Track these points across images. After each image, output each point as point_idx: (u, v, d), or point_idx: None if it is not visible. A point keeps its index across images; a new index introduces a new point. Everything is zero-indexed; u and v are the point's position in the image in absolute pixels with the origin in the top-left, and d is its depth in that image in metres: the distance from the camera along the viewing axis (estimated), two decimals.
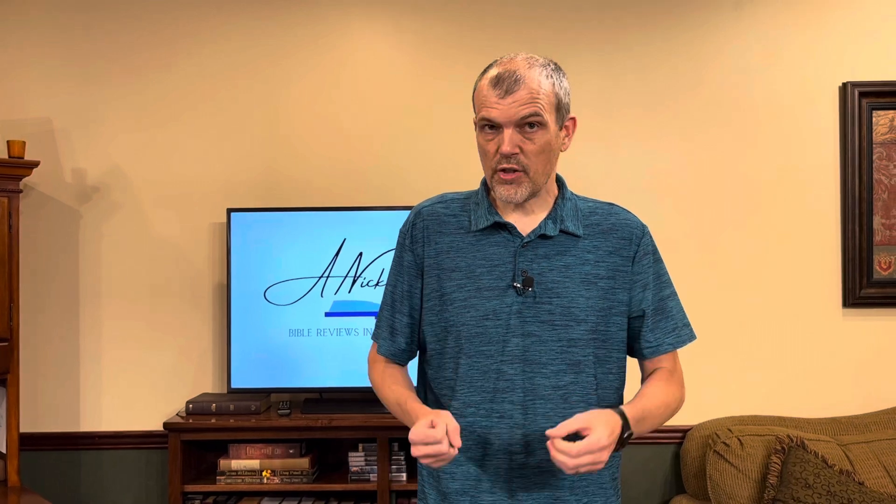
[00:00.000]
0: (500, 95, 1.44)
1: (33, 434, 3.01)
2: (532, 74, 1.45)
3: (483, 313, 1.50)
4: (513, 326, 1.49)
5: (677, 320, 1.60)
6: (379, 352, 1.67)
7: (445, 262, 1.55)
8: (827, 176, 3.11)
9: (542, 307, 1.49)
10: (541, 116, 1.44)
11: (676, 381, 1.60)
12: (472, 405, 1.51)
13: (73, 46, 3.09)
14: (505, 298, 1.50)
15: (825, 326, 3.10)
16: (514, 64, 1.46)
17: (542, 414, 1.48)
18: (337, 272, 2.91)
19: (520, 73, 1.44)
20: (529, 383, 1.49)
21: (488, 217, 1.54)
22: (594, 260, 1.53)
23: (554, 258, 1.51)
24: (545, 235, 1.52)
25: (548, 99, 1.46)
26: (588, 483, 1.52)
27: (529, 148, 1.46)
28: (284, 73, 3.12)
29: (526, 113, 1.43)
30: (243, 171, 3.10)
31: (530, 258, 1.51)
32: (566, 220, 1.54)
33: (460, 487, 1.52)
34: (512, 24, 3.10)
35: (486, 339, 1.50)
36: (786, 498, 2.61)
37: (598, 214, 1.57)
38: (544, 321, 1.49)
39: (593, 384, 1.51)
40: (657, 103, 3.11)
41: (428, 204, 1.63)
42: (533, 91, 1.44)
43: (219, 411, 2.82)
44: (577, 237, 1.54)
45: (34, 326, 3.04)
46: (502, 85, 1.44)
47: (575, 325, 1.50)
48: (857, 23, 3.11)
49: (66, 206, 3.08)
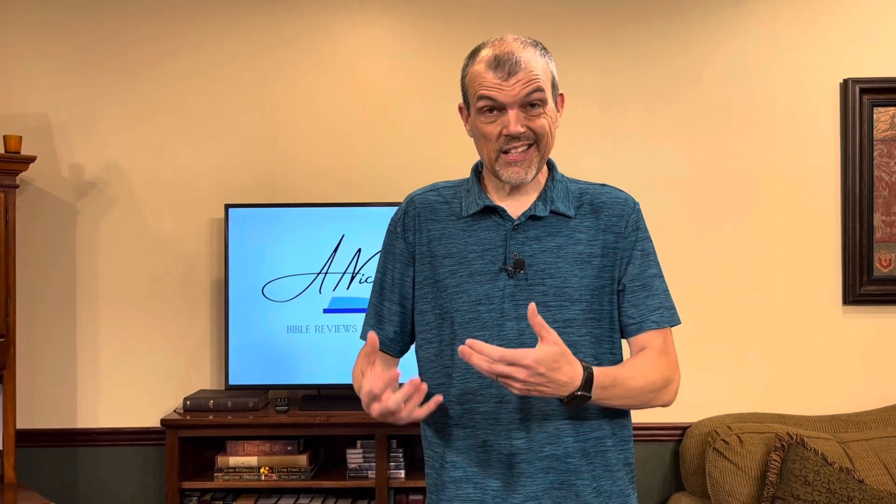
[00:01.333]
0: (502, 77, 1.44)
1: (30, 430, 3.00)
2: (528, 55, 1.46)
3: (475, 298, 1.50)
4: (506, 310, 1.48)
5: (662, 300, 1.55)
6: (363, 338, 1.64)
7: (438, 249, 1.56)
8: (827, 173, 3.11)
9: (535, 289, 1.49)
10: (543, 94, 1.46)
11: (667, 361, 1.53)
12: (469, 392, 1.50)
13: (71, 41, 3.08)
14: (497, 282, 1.50)
15: (825, 323, 3.09)
16: (508, 45, 1.47)
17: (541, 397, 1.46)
18: (335, 268, 2.90)
19: (518, 55, 1.45)
20: None
21: (478, 202, 1.54)
22: (587, 239, 1.52)
23: (545, 239, 1.51)
24: (535, 216, 1.52)
25: (545, 77, 1.47)
26: (595, 466, 1.50)
27: (537, 124, 1.46)
28: (282, 69, 3.10)
29: (531, 90, 1.44)
30: (241, 167, 3.09)
31: (521, 240, 1.51)
32: (556, 200, 1.53)
33: (462, 475, 1.51)
34: (509, 20, 3.09)
35: (479, 325, 1.49)
36: (785, 496, 2.60)
37: (588, 194, 1.57)
38: (538, 303, 1.47)
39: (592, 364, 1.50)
40: (657, 99, 3.10)
41: (420, 192, 1.65)
42: (532, 71, 1.45)
43: (216, 408, 2.81)
44: (568, 217, 1.53)
45: (31, 322, 3.03)
46: (504, 67, 1.44)
47: (570, 305, 1.49)
48: (857, 19, 3.10)
49: (62, 202, 3.07)
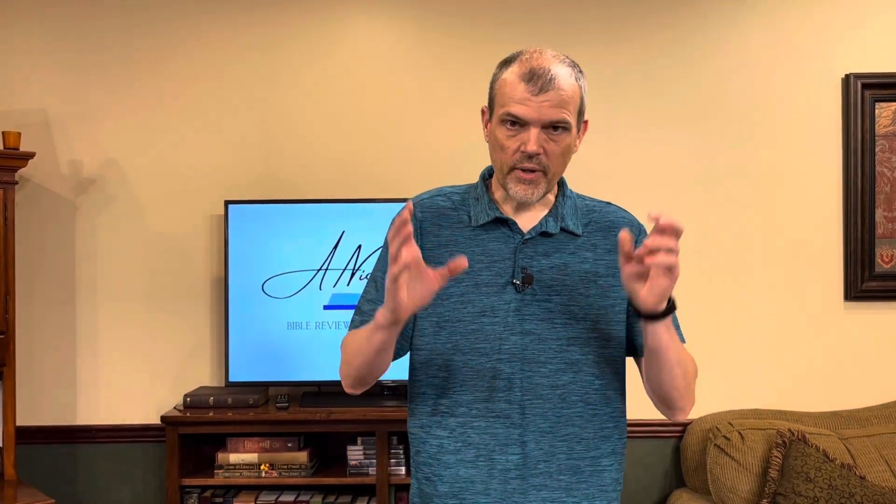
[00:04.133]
0: (532, 92, 1.41)
1: (30, 427, 2.99)
2: (563, 74, 1.43)
3: (480, 309, 1.48)
4: (510, 324, 1.46)
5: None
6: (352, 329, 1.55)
7: (443, 256, 1.50)
8: (829, 168, 3.10)
9: (541, 305, 1.47)
10: (568, 121, 1.44)
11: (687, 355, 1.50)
12: (464, 404, 1.47)
13: (69, 37, 3.06)
14: (503, 295, 1.47)
15: (827, 320, 3.09)
16: (546, 60, 1.43)
17: (540, 414, 1.45)
18: (336, 265, 2.89)
19: (553, 73, 1.42)
20: (528, 382, 1.46)
21: (489, 212, 1.51)
22: (593, 258, 1.51)
23: (554, 256, 1.49)
24: (546, 233, 1.50)
25: (574, 102, 1.45)
26: (588, 486, 1.48)
27: (552, 149, 1.44)
28: (283, 64, 3.09)
29: (557, 117, 1.42)
30: (241, 163, 3.08)
31: (530, 255, 1.49)
32: (566, 218, 1.52)
33: (449, 490, 1.48)
34: (513, 17, 3.07)
35: (482, 336, 1.47)
36: (787, 492, 2.60)
37: (596, 212, 1.56)
38: (543, 319, 1.46)
39: (593, 384, 1.48)
40: (658, 95, 3.09)
41: (427, 196, 1.60)
42: (564, 93, 1.42)
43: (217, 405, 2.81)
44: (576, 235, 1.52)
45: (30, 319, 3.02)
46: (536, 82, 1.41)
47: (574, 324, 1.47)
48: (859, 14, 3.09)
49: (61, 198, 3.06)
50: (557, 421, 1.45)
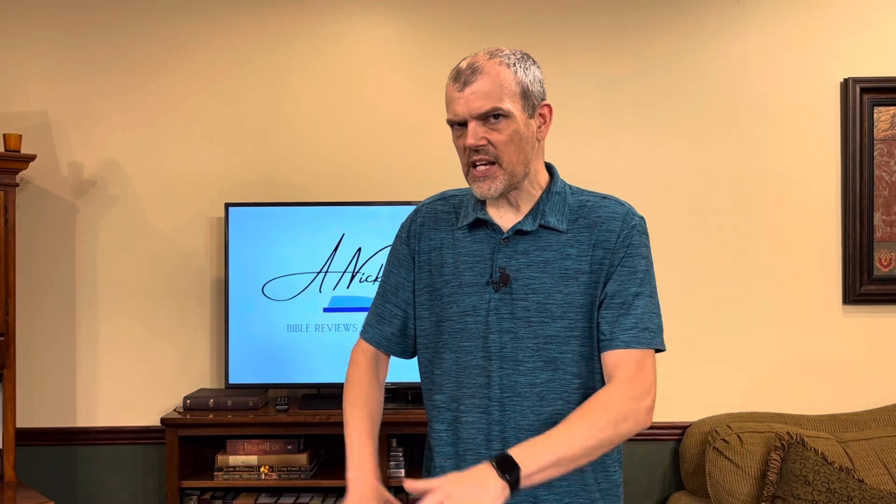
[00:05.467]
0: (458, 89, 1.44)
1: (30, 429, 3.00)
2: (490, 65, 1.44)
3: (463, 309, 1.52)
4: (491, 323, 1.50)
5: (639, 320, 1.46)
6: (364, 337, 1.68)
7: (435, 259, 1.58)
8: (827, 172, 3.10)
9: (518, 304, 1.49)
10: (501, 108, 1.43)
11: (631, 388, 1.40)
12: (455, 399, 1.52)
13: (70, 39, 3.07)
14: (484, 295, 1.51)
15: (825, 323, 3.09)
16: (474, 58, 1.46)
17: (519, 411, 1.48)
18: (336, 267, 2.90)
19: (478, 65, 1.44)
20: (507, 380, 1.49)
21: (472, 214, 1.55)
22: (576, 255, 1.50)
23: (533, 254, 1.50)
24: (522, 231, 1.51)
25: (509, 88, 1.44)
26: (570, 483, 1.49)
27: (496, 138, 1.44)
28: (283, 67, 3.10)
29: (488, 107, 1.42)
30: (241, 166, 3.09)
31: (509, 254, 1.51)
32: (548, 214, 1.51)
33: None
34: (512, 21, 3.08)
35: (466, 335, 1.52)
36: (785, 495, 2.60)
37: (587, 207, 1.54)
38: (520, 318, 1.48)
39: (574, 383, 1.48)
40: (657, 99, 3.10)
41: (429, 201, 1.66)
42: (490, 81, 1.43)
43: (216, 407, 2.81)
44: (560, 232, 1.51)
45: (31, 321, 3.03)
46: (460, 78, 1.44)
47: (551, 322, 1.48)
48: (858, 18, 3.10)
49: (62, 201, 3.06)
50: (535, 419, 1.47)
